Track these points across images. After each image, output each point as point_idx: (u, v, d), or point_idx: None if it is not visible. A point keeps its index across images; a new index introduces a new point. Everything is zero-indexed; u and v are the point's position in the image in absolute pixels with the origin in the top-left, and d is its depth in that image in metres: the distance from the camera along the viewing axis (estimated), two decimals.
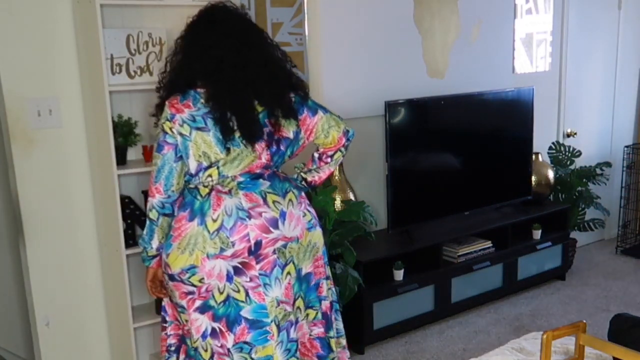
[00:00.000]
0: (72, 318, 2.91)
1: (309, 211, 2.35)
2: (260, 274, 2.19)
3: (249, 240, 2.17)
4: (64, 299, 2.87)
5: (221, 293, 2.19)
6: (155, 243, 2.22)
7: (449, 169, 3.86)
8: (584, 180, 4.49)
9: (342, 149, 2.43)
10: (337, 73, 3.52)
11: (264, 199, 2.21)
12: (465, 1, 4.01)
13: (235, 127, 2.15)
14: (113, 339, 2.98)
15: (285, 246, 2.23)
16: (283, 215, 2.23)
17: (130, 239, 2.78)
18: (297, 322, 2.31)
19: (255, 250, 2.18)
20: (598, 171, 4.53)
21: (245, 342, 2.20)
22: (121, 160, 2.74)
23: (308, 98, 2.35)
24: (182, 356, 2.36)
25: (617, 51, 4.99)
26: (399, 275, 3.46)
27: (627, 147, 4.97)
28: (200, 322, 2.21)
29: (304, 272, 2.32)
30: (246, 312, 2.19)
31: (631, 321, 2.14)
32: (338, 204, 3.37)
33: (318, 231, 2.36)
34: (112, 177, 2.65)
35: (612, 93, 5.05)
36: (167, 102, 2.17)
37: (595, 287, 4.25)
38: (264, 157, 2.23)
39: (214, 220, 2.16)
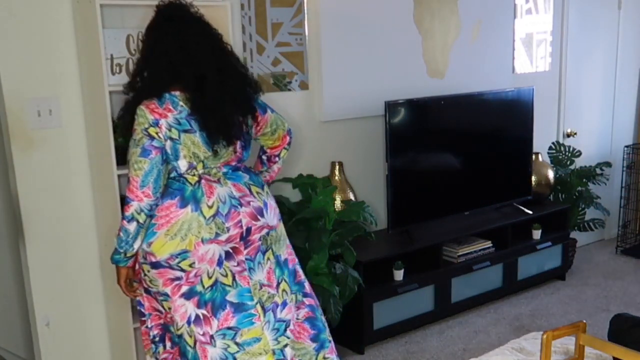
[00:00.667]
0: (72, 318, 2.91)
1: (277, 204, 2.50)
2: (246, 259, 2.32)
3: (241, 227, 2.29)
4: (64, 299, 2.87)
5: (210, 277, 2.27)
6: (137, 244, 2.25)
7: (449, 169, 3.86)
8: (584, 180, 4.49)
9: (287, 146, 2.59)
10: (337, 73, 3.52)
11: (249, 190, 2.35)
12: (465, 1, 4.01)
13: (217, 130, 2.23)
14: (113, 339, 2.98)
15: (268, 234, 2.37)
16: (265, 205, 2.38)
17: None
18: (285, 304, 2.40)
19: (246, 236, 2.30)
20: (598, 171, 4.53)
21: (229, 328, 2.27)
22: (121, 160, 2.73)
23: (258, 96, 2.43)
24: (168, 343, 2.42)
25: (617, 51, 4.99)
26: (399, 275, 3.46)
27: (627, 147, 4.97)
28: (185, 309, 2.27)
29: (282, 258, 2.44)
30: (231, 296, 2.29)
31: (631, 321, 2.14)
32: (338, 204, 3.37)
33: (281, 222, 2.51)
34: (112, 177, 2.65)
35: (612, 93, 5.05)
36: (144, 108, 2.19)
37: (595, 287, 4.25)
38: (239, 152, 2.36)
39: (210, 207, 2.25)
